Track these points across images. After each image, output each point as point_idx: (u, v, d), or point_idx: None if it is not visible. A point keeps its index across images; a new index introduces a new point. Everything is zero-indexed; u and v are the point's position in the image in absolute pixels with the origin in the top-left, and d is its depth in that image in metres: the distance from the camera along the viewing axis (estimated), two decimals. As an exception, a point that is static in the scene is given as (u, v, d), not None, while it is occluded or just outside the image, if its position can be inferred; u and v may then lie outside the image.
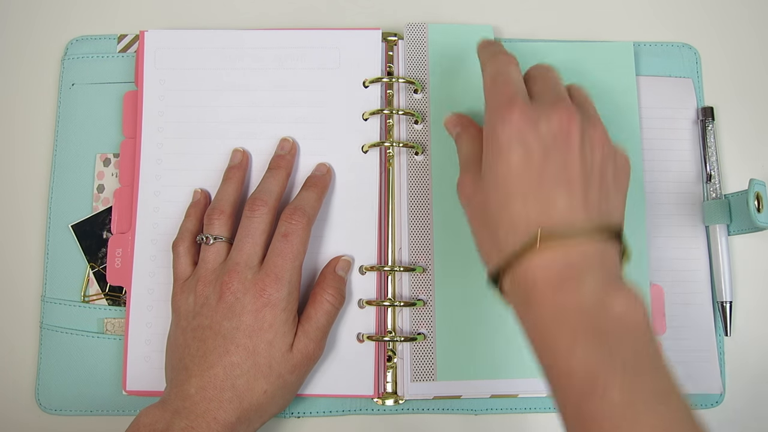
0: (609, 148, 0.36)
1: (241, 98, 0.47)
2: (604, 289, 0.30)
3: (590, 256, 0.31)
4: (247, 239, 0.41)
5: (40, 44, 0.51)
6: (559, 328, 0.30)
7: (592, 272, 0.31)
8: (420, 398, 0.45)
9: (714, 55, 0.51)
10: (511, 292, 0.33)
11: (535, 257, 0.31)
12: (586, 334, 0.29)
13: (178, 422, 0.36)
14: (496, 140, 0.34)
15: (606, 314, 0.29)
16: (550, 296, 0.31)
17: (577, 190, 0.33)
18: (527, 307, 0.32)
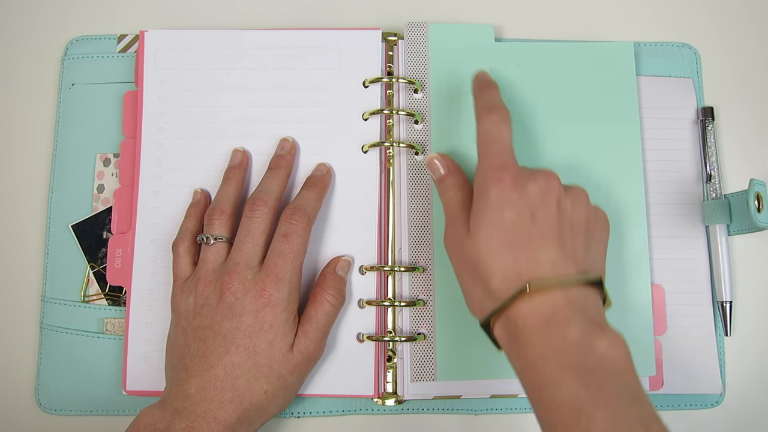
0: (589, 206, 0.39)
1: (241, 98, 0.47)
2: (588, 331, 0.33)
3: (575, 302, 0.34)
4: (248, 239, 0.41)
5: (40, 44, 0.51)
6: (547, 365, 0.32)
7: (577, 317, 0.33)
8: (420, 398, 0.45)
9: (714, 55, 0.51)
10: (503, 335, 0.35)
11: (526, 303, 0.34)
12: (571, 370, 0.32)
13: (178, 422, 0.36)
14: (489, 200, 0.37)
15: (591, 353, 0.32)
16: (540, 337, 0.33)
17: (562, 245, 0.36)
18: (518, 347, 0.34)
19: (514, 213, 0.36)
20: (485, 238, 0.36)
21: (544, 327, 0.33)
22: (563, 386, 0.31)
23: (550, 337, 0.33)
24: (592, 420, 0.30)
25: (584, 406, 0.30)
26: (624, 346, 0.33)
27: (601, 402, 0.30)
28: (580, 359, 0.32)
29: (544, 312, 0.34)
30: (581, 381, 0.31)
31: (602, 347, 0.32)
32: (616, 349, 0.32)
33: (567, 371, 0.32)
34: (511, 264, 0.35)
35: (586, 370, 0.31)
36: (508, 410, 0.46)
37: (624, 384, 0.31)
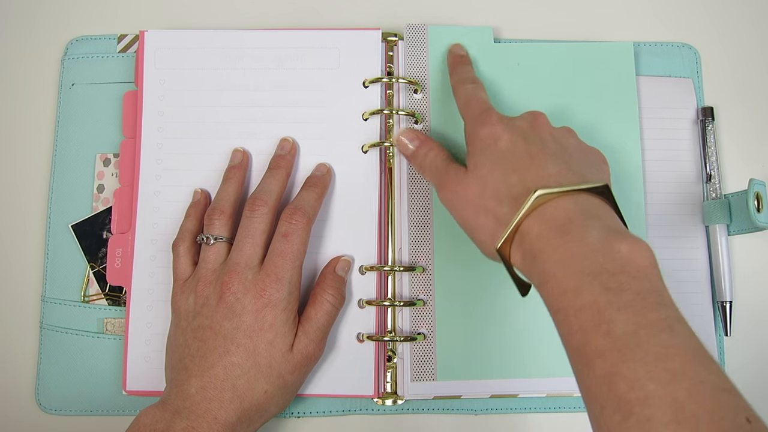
0: (580, 141, 0.40)
1: (241, 98, 0.47)
2: (608, 236, 0.31)
3: (588, 210, 0.33)
4: (248, 239, 0.41)
5: (40, 44, 0.51)
6: (567, 271, 0.31)
7: (594, 222, 0.32)
8: (420, 398, 0.45)
9: (714, 55, 0.51)
10: (520, 259, 0.34)
11: (538, 216, 0.33)
12: (592, 274, 0.30)
13: (178, 422, 0.36)
14: (482, 138, 0.39)
15: (611, 257, 0.30)
16: (557, 245, 0.32)
17: (564, 161, 0.36)
18: (535, 262, 0.33)
19: (506, 141, 0.38)
20: (487, 169, 0.37)
21: (560, 234, 0.32)
22: (583, 291, 0.30)
23: (567, 243, 0.32)
24: (612, 323, 0.28)
25: (605, 309, 0.29)
26: (648, 249, 0.31)
27: (622, 305, 0.28)
28: (601, 263, 0.30)
29: (558, 220, 0.33)
30: (602, 285, 0.29)
31: (624, 250, 0.30)
32: (639, 252, 0.30)
33: (587, 276, 0.30)
34: (518, 182, 0.35)
35: (608, 273, 0.30)
36: (508, 410, 0.46)
37: (648, 286, 0.29)
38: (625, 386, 0.26)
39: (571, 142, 0.40)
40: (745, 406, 0.26)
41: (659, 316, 0.28)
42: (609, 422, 0.27)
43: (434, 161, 0.42)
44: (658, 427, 0.25)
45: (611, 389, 0.27)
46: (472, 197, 0.37)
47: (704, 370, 0.26)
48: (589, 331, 0.29)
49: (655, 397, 0.26)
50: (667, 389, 0.26)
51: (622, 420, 0.26)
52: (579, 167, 0.37)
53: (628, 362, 0.27)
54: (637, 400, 0.26)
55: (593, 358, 0.28)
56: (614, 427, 0.26)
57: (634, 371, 0.27)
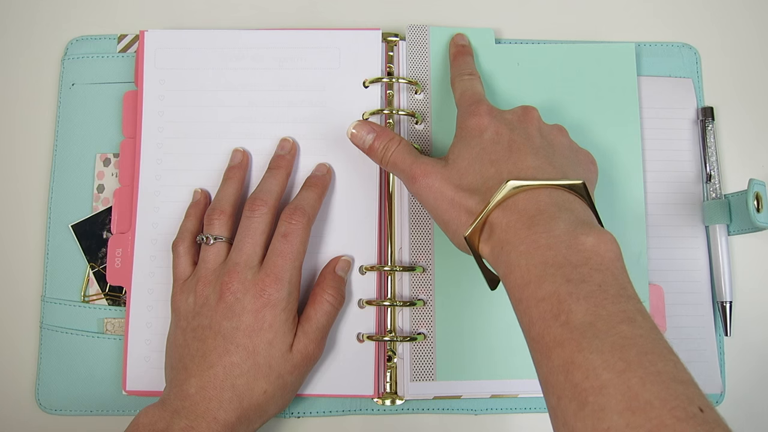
0: (570, 141, 0.41)
1: (241, 98, 0.47)
2: (574, 228, 0.31)
3: (560, 201, 0.34)
4: (247, 239, 0.41)
5: (40, 44, 0.51)
6: (531, 262, 0.31)
7: (563, 214, 0.32)
8: (420, 398, 0.45)
9: (714, 55, 0.51)
10: (489, 247, 0.34)
11: (509, 207, 0.34)
12: (555, 265, 0.30)
13: (178, 422, 0.36)
14: (468, 129, 0.39)
15: (576, 248, 0.31)
16: (525, 236, 0.32)
17: (545, 156, 0.37)
18: (502, 252, 0.33)
19: (492, 132, 0.38)
20: (467, 161, 0.37)
21: (527, 226, 0.32)
22: (545, 282, 0.30)
23: (534, 235, 0.32)
24: (571, 313, 0.28)
25: (564, 300, 0.29)
26: (613, 242, 0.31)
27: (582, 296, 0.29)
28: (564, 254, 0.30)
29: (528, 212, 0.33)
30: (563, 276, 0.30)
31: (589, 243, 0.31)
32: (604, 245, 0.31)
33: (550, 267, 0.30)
34: (494, 174, 0.36)
35: (570, 264, 0.30)
36: (508, 410, 0.46)
37: (611, 278, 0.30)
38: (580, 375, 0.27)
39: (559, 139, 0.40)
40: (700, 395, 0.26)
41: (619, 308, 0.28)
42: (565, 411, 0.27)
43: (399, 155, 0.41)
44: (612, 416, 0.25)
45: (567, 378, 0.27)
46: (448, 190, 0.37)
47: (661, 361, 0.26)
48: (548, 321, 0.29)
49: (610, 386, 0.26)
50: (622, 378, 0.26)
51: (577, 409, 0.26)
52: (561, 164, 0.37)
53: (584, 352, 0.27)
54: (592, 389, 0.26)
55: (551, 347, 0.28)
56: (570, 416, 0.26)
57: (590, 361, 0.27)
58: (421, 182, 0.39)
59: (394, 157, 0.41)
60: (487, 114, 0.39)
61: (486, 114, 0.39)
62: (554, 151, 0.38)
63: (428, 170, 0.39)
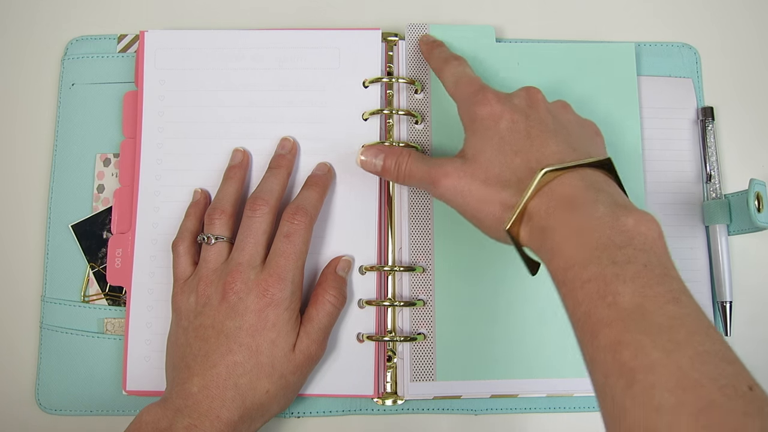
0: (575, 115, 0.41)
1: (241, 98, 0.47)
2: (614, 210, 0.32)
3: (594, 183, 0.34)
4: (249, 239, 0.41)
5: (40, 44, 0.51)
6: (575, 245, 0.31)
7: (600, 196, 0.33)
8: (420, 398, 0.45)
9: (714, 55, 0.51)
10: (529, 237, 0.35)
11: (545, 195, 0.34)
12: (600, 247, 0.30)
13: (180, 420, 0.36)
14: (481, 119, 0.38)
15: (618, 230, 0.31)
16: (566, 220, 0.32)
17: (563, 140, 0.37)
18: (545, 238, 0.33)
19: (507, 121, 0.37)
20: (489, 153, 0.37)
21: (568, 210, 0.33)
22: (591, 264, 0.30)
23: (575, 218, 0.32)
24: (618, 295, 0.28)
25: (611, 282, 0.29)
26: (654, 221, 0.31)
27: (628, 277, 0.29)
28: (608, 236, 0.30)
29: (565, 196, 0.33)
30: (609, 257, 0.30)
31: (630, 223, 0.31)
32: (646, 225, 0.31)
33: (594, 249, 0.30)
34: (521, 164, 0.36)
35: (615, 246, 0.30)
36: (508, 410, 0.46)
37: (654, 258, 0.30)
38: (629, 354, 0.27)
39: (567, 117, 0.40)
40: (748, 374, 0.26)
41: (665, 288, 0.28)
42: (614, 389, 0.27)
43: (413, 165, 0.41)
44: (662, 393, 0.25)
45: (615, 357, 0.27)
46: (475, 187, 0.37)
47: (708, 341, 0.27)
48: (595, 302, 0.29)
49: (659, 365, 0.26)
50: (671, 358, 0.26)
51: (626, 386, 0.26)
52: (578, 143, 0.37)
53: (632, 332, 0.27)
54: (642, 368, 0.26)
55: (598, 327, 0.28)
56: (619, 393, 0.27)
57: (638, 340, 0.27)
58: (444, 185, 0.38)
59: (408, 169, 0.41)
60: (497, 101, 0.38)
61: (495, 101, 0.38)
62: (568, 131, 0.38)
63: (448, 171, 0.38)
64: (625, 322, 0.28)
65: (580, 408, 0.46)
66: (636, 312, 0.28)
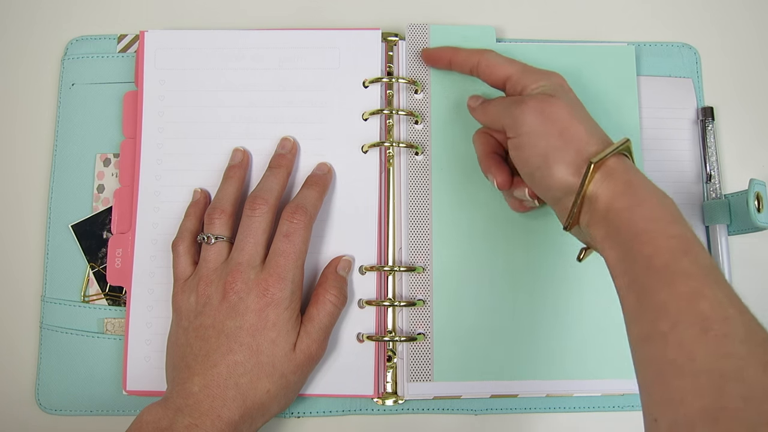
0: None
1: (241, 98, 0.47)
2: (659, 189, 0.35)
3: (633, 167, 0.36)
4: (249, 239, 0.41)
5: (40, 44, 0.51)
6: (660, 203, 0.34)
7: (647, 181, 0.35)
8: (420, 398, 0.45)
9: (714, 55, 0.51)
10: (611, 186, 0.35)
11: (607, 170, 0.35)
12: (672, 218, 0.33)
13: (181, 419, 0.36)
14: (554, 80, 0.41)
15: (675, 206, 0.34)
16: (648, 183, 0.35)
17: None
18: (630, 190, 0.35)
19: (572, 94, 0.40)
20: (569, 99, 0.39)
21: (643, 180, 0.35)
22: (675, 224, 0.33)
23: (652, 185, 0.35)
24: (699, 255, 0.31)
25: (693, 242, 0.32)
26: None
27: (699, 244, 0.32)
28: (671, 210, 0.34)
29: (629, 173, 0.35)
30: (683, 224, 0.33)
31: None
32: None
33: (669, 219, 0.33)
34: (595, 128, 0.38)
35: (680, 217, 0.34)
36: (508, 410, 0.46)
37: None
38: (707, 305, 0.29)
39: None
40: None
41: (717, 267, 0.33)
42: (683, 336, 0.29)
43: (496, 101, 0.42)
44: (735, 343, 0.28)
45: (692, 306, 0.29)
46: (562, 118, 0.37)
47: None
48: (677, 255, 0.31)
49: (734, 320, 0.29)
50: (744, 317, 0.29)
51: (700, 333, 0.29)
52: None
53: (711, 287, 0.30)
54: (717, 319, 0.29)
55: (679, 277, 0.31)
56: (689, 340, 0.29)
57: (717, 296, 0.30)
58: (534, 109, 0.38)
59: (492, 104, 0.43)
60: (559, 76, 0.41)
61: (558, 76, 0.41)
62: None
63: (540, 98, 0.39)
64: (706, 277, 0.30)
65: (580, 408, 0.46)
66: (713, 273, 0.31)
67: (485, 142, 0.44)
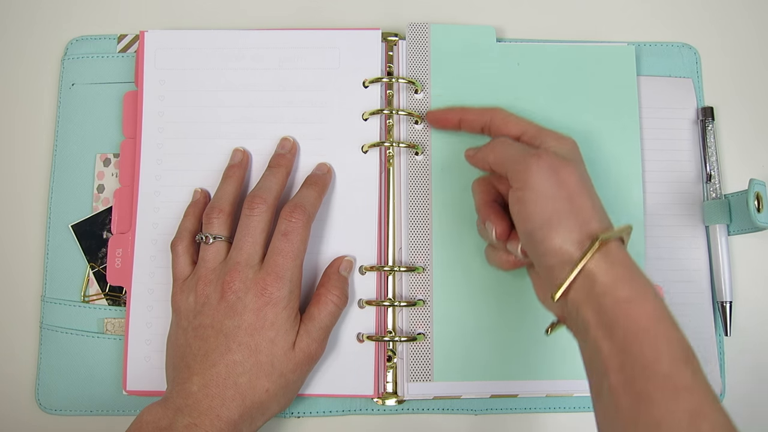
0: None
1: (241, 98, 0.47)
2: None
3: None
4: (247, 238, 0.41)
5: (40, 44, 0.51)
6: (651, 317, 0.32)
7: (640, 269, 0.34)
8: (420, 398, 0.45)
9: (714, 55, 0.51)
10: (609, 266, 0.34)
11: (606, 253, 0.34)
12: (669, 318, 0.32)
13: (181, 419, 0.36)
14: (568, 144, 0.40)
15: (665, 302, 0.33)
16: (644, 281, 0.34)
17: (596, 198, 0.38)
18: (631, 280, 0.33)
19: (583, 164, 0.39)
20: (582, 167, 0.38)
21: (638, 273, 0.34)
22: (676, 327, 0.32)
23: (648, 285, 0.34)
24: (696, 365, 0.31)
25: (690, 349, 0.31)
26: None
27: (692, 349, 0.32)
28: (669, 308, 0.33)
29: (626, 262, 0.34)
30: (678, 325, 0.32)
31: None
32: None
33: (669, 316, 0.32)
34: (600, 206, 0.37)
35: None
36: (508, 410, 0.46)
37: None
38: (708, 427, 0.29)
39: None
40: None
41: None
42: None
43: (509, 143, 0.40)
44: None
45: (692, 425, 0.29)
46: (573, 184, 0.36)
47: None
48: (680, 363, 0.31)
49: None
50: None
51: None
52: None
53: (712, 406, 0.29)
54: None
55: (680, 390, 0.30)
56: None
57: (717, 418, 0.29)
58: (548, 168, 0.36)
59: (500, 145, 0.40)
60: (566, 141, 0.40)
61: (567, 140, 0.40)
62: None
63: (555, 157, 0.37)
64: (707, 396, 0.30)
65: (579, 408, 0.46)
66: (709, 387, 0.30)
67: (486, 191, 0.42)
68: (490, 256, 0.43)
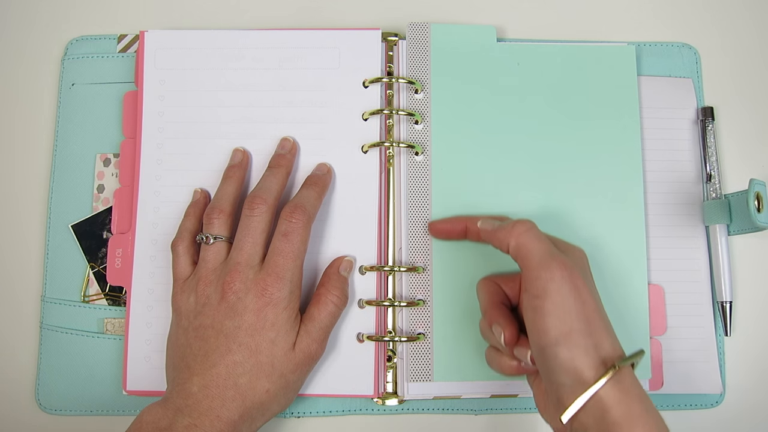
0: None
1: (241, 98, 0.47)
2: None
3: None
4: (248, 238, 0.41)
5: (40, 44, 0.51)
6: None
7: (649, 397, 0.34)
8: (420, 398, 0.45)
9: (714, 55, 0.51)
10: (615, 385, 0.33)
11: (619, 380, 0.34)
12: None
13: (181, 419, 0.36)
14: (580, 258, 0.39)
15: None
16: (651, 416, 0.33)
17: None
18: (643, 398, 0.33)
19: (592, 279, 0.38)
20: (594, 293, 0.36)
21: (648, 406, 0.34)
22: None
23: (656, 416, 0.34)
24: None
25: None
26: None
27: None
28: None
29: (638, 391, 0.34)
30: None
31: None
32: None
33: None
34: (610, 327, 0.36)
35: None
36: (508, 410, 0.46)
37: None
38: None
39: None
40: None
41: None
42: None
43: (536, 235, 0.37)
44: None
45: None
46: (589, 303, 0.35)
47: None
48: None
49: None
50: None
51: None
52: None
53: None
54: None
55: None
56: None
57: None
58: (572, 277, 0.35)
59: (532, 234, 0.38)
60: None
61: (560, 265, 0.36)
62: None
63: (579, 269, 0.36)
64: None
65: (580, 408, 0.46)
66: None
67: (493, 292, 0.41)
68: (493, 359, 0.40)
